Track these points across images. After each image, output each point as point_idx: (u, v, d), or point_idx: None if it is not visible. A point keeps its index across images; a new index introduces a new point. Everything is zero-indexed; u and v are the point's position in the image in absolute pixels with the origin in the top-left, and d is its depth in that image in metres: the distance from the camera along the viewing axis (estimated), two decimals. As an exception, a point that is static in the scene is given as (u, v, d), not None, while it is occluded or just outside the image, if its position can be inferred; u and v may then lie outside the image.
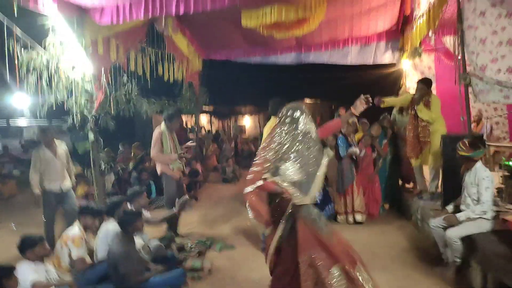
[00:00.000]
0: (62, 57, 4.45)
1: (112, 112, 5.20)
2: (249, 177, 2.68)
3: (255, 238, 4.89)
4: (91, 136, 4.90)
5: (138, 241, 3.69)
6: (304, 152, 2.74)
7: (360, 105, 3.07)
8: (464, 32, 4.47)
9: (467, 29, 4.45)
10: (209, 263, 4.14)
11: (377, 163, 5.93)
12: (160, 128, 5.09)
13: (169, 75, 7.04)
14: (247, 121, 21.75)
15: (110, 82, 5.26)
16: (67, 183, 4.89)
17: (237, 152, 13.01)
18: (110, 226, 3.59)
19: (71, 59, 4.52)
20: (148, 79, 6.29)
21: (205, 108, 15.60)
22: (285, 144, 2.71)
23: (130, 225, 3.32)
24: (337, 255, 2.63)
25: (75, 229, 3.62)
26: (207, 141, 11.15)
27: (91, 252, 3.68)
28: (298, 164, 2.71)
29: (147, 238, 3.94)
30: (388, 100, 5.49)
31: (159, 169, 5.15)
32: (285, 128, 2.75)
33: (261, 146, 2.84)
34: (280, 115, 2.84)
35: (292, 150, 2.71)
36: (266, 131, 4.39)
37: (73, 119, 4.67)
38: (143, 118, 7.42)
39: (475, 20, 4.39)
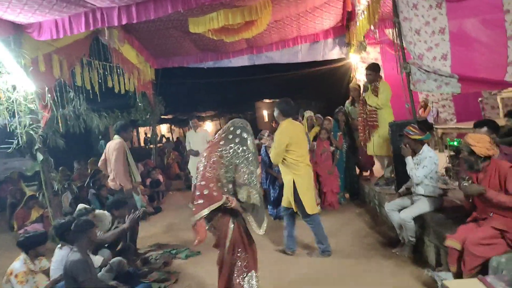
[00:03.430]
0: (0, 78, 4.25)
1: (61, 129, 5.01)
2: (206, 192, 2.65)
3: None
4: (39, 156, 4.69)
5: (98, 257, 3.57)
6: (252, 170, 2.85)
7: None
8: (401, 24, 4.70)
9: (403, 21, 4.69)
10: (175, 273, 4.10)
11: (335, 155, 6.12)
12: (120, 139, 4.68)
13: (119, 87, 6.87)
14: (209, 126, 21.70)
15: (56, 100, 5.07)
16: None
17: (199, 157, 12.88)
18: (64, 252, 3.37)
19: (10, 80, 4.33)
20: (97, 93, 6.10)
21: (165, 117, 15.39)
22: (240, 163, 2.76)
23: (83, 233, 3.13)
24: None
25: (18, 264, 3.40)
26: (168, 150, 11.00)
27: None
28: (253, 186, 2.83)
29: (107, 253, 3.80)
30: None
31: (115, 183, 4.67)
32: (235, 147, 2.77)
33: (207, 162, 2.77)
34: (225, 131, 2.86)
35: (246, 171, 2.79)
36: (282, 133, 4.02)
37: (18, 141, 4.46)
38: (100, 132, 7.22)
39: (409, 13, 4.65)
